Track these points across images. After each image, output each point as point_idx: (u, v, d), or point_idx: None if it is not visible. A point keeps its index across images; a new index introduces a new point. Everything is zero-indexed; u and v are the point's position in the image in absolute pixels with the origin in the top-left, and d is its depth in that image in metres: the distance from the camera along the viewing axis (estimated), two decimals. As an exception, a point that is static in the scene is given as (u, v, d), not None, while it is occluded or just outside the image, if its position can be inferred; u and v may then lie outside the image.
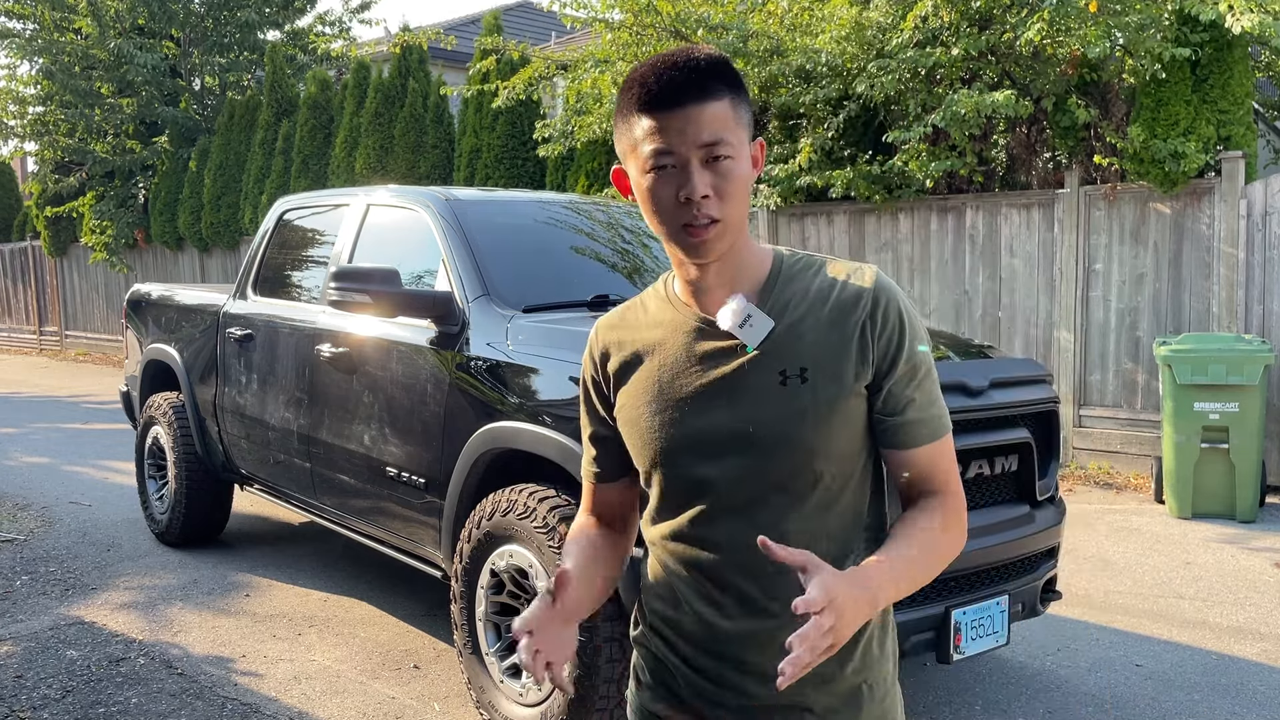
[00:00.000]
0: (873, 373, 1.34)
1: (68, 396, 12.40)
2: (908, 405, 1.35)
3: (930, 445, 1.37)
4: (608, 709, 3.05)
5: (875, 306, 1.34)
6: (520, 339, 3.48)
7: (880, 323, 1.34)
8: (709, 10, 7.97)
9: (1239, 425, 5.86)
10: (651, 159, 1.29)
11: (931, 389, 1.38)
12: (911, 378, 1.35)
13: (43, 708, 3.63)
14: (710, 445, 1.38)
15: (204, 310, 5.44)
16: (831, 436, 1.34)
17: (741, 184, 1.31)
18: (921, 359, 1.36)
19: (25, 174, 21.73)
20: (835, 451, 1.35)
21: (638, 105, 1.30)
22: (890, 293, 1.36)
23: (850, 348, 1.33)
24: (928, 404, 1.37)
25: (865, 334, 1.33)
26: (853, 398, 1.34)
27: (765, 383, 1.34)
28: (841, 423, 1.34)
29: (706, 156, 1.28)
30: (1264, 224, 6.58)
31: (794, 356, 1.34)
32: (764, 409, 1.34)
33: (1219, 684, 3.81)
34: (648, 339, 1.45)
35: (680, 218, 1.30)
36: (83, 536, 5.88)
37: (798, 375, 1.33)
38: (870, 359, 1.34)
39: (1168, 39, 6.54)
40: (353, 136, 12.13)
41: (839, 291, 1.36)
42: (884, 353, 1.34)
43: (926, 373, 1.37)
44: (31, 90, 16.51)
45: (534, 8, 12.83)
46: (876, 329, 1.34)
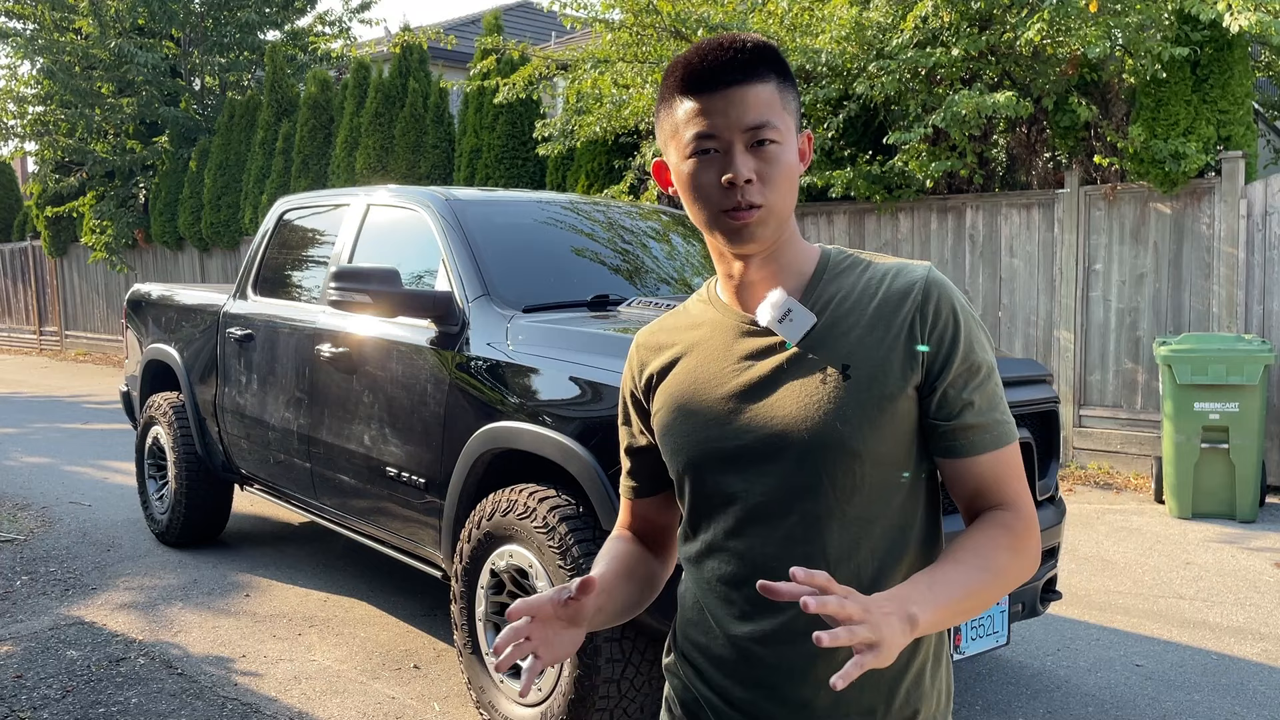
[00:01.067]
0: (924, 372, 1.25)
1: (68, 396, 12.40)
2: (965, 409, 1.25)
3: (992, 454, 1.26)
4: (608, 709, 3.05)
5: (926, 300, 1.25)
6: (520, 339, 3.48)
7: (932, 318, 1.25)
8: (709, 10, 7.97)
9: (1239, 425, 5.86)
10: (694, 142, 1.24)
11: (994, 393, 1.27)
12: (969, 379, 1.25)
13: (43, 708, 3.63)
14: (746, 448, 1.29)
15: (204, 310, 5.44)
16: (876, 440, 1.24)
17: (788, 171, 1.25)
18: (981, 360, 1.26)
19: (25, 174, 21.74)
20: (880, 457, 1.25)
21: (680, 87, 1.25)
22: (943, 287, 1.27)
23: (898, 344, 1.25)
24: (989, 408, 1.26)
25: (915, 329, 1.25)
26: (901, 399, 1.25)
27: (806, 381, 1.26)
28: (888, 425, 1.24)
29: (751, 140, 1.22)
30: (1264, 224, 6.58)
31: (836, 353, 1.25)
32: (804, 409, 1.25)
33: (1219, 684, 3.81)
34: (687, 340, 1.38)
35: (722, 202, 1.24)
36: (83, 536, 5.88)
37: (840, 373, 1.24)
38: (921, 358, 1.25)
39: (1168, 39, 6.55)
40: (353, 136, 12.13)
41: (887, 286, 1.28)
42: (936, 350, 1.25)
43: (987, 376, 1.27)
44: (31, 90, 16.52)
45: (534, 8, 12.83)
46: (928, 324, 1.25)
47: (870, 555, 1.26)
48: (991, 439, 1.26)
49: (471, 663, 3.44)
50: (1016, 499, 1.28)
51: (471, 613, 3.44)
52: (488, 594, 3.39)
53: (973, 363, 1.26)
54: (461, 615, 3.47)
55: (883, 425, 1.24)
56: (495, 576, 3.36)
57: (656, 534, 1.51)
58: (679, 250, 4.71)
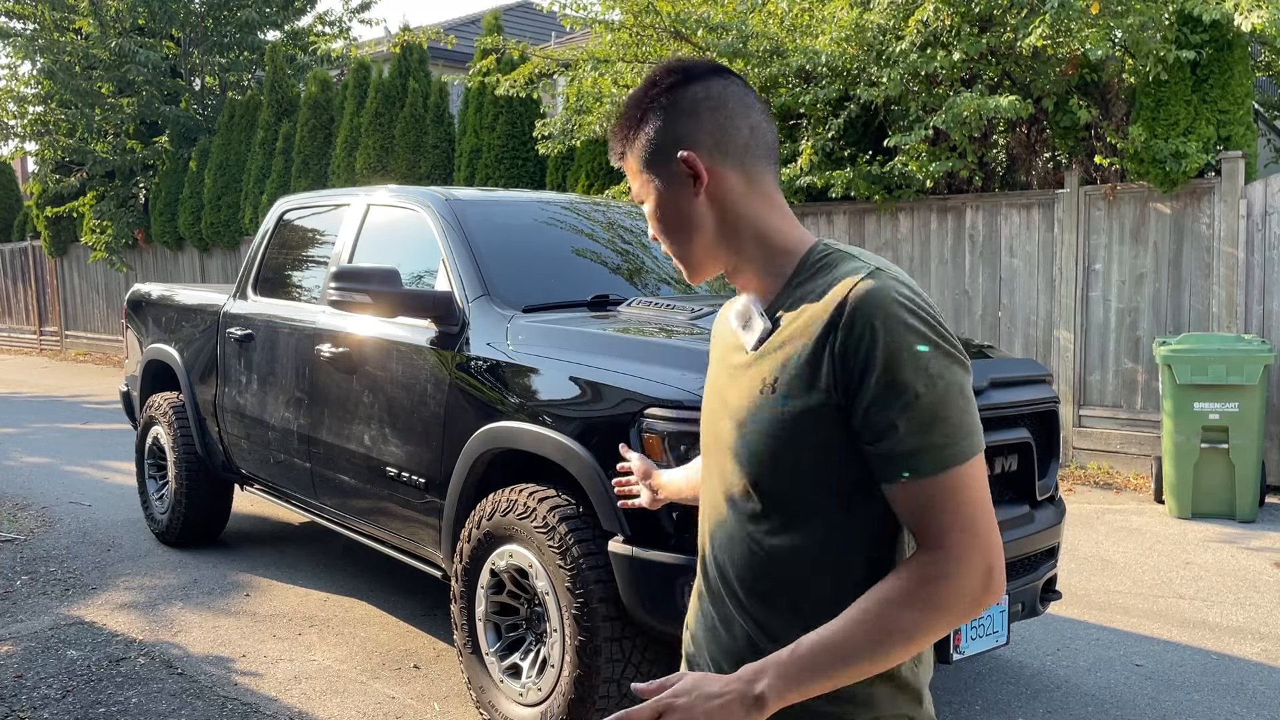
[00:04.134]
0: (840, 392, 1.18)
1: (68, 396, 12.40)
2: (887, 432, 1.16)
3: (914, 482, 1.15)
4: (608, 709, 3.05)
5: (839, 315, 1.18)
6: (520, 339, 3.48)
7: (843, 334, 1.17)
8: (709, 10, 7.96)
9: (1239, 425, 5.86)
10: None
11: (927, 415, 1.15)
12: (890, 400, 1.15)
13: (43, 708, 3.63)
14: (709, 445, 1.37)
15: (204, 310, 5.44)
16: (795, 456, 1.22)
17: (665, 222, 1.33)
18: (908, 380, 1.15)
19: (25, 174, 21.74)
20: (804, 475, 1.22)
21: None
22: (865, 303, 1.17)
23: (819, 360, 1.20)
24: (918, 431, 1.15)
25: (831, 346, 1.19)
26: (819, 417, 1.20)
27: (749, 389, 1.28)
28: (808, 443, 1.21)
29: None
30: (1264, 224, 6.58)
31: (772, 364, 1.25)
32: (740, 417, 1.29)
33: (1219, 684, 3.81)
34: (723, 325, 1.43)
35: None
36: (83, 536, 5.88)
37: (771, 385, 1.24)
38: (835, 376, 1.18)
39: (1168, 39, 6.54)
40: (353, 136, 12.13)
41: (823, 296, 1.22)
42: (849, 369, 1.17)
43: (920, 395, 1.15)
44: (32, 90, 16.52)
45: (534, 8, 12.82)
46: (838, 341, 1.18)
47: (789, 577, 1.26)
48: (914, 464, 1.15)
49: (471, 662, 3.44)
50: (944, 533, 1.15)
51: (471, 613, 3.45)
52: (488, 594, 3.39)
53: (894, 381, 1.15)
54: (461, 615, 3.47)
55: (802, 442, 1.21)
56: (495, 576, 3.36)
57: None
58: (679, 250, 4.70)
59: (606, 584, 3.01)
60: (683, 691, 1.15)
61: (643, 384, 3.01)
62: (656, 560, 2.89)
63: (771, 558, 1.27)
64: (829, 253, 1.29)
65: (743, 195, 1.30)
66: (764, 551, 1.27)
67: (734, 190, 1.30)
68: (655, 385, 2.98)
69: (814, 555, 1.24)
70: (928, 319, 1.18)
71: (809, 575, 1.25)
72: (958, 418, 1.16)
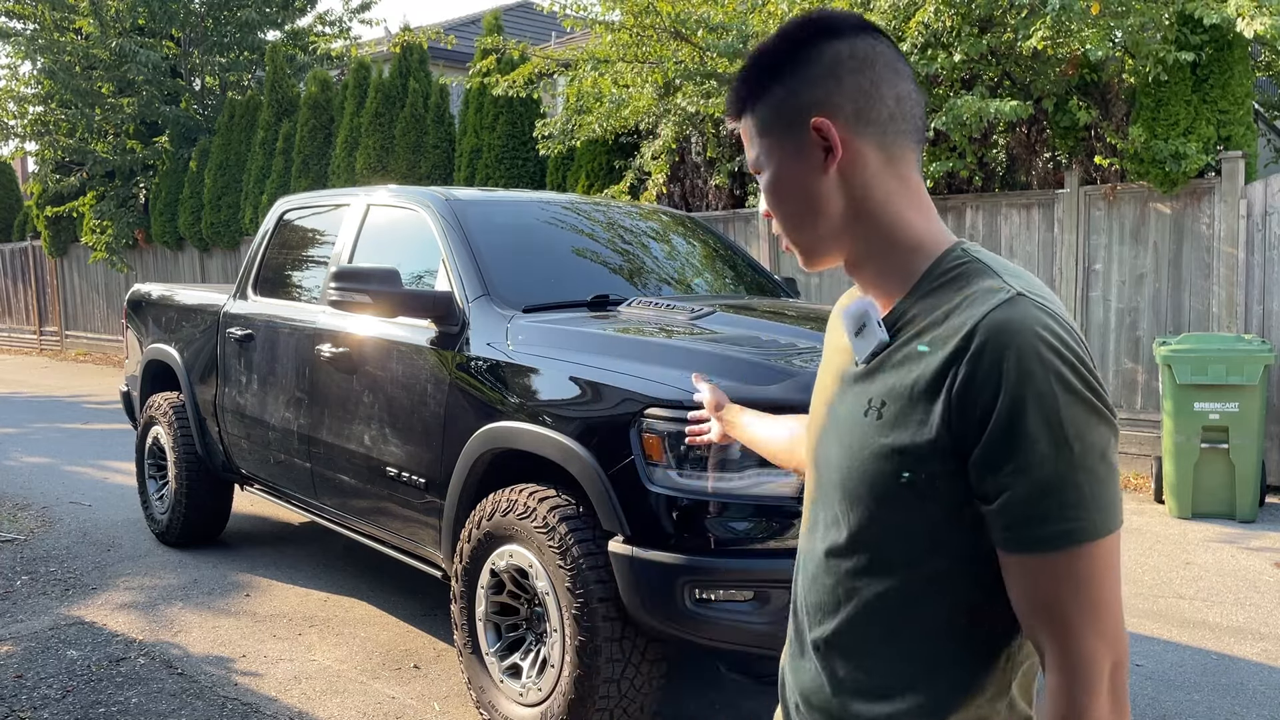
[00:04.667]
0: (955, 438, 1.00)
1: (68, 396, 12.40)
2: (1003, 494, 0.98)
3: (1027, 558, 0.98)
4: (608, 709, 3.05)
5: (968, 344, 0.99)
6: (520, 339, 3.48)
7: (967, 370, 0.99)
8: (709, 10, 7.96)
9: (1239, 425, 5.86)
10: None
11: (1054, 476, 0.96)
12: (1008, 455, 0.97)
13: (43, 708, 3.63)
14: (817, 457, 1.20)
15: (204, 310, 5.44)
16: (895, 496, 1.04)
17: (783, 198, 1.14)
18: (1034, 435, 0.96)
19: (25, 174, 21.74)
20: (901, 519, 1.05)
21: None
22: (1003, 331, 0.98)
23: (934, 394, 1.02)
24: (1039, 496, 0.96)
25: (951, 380, 1.00)
26: (927, 459, 1.02)
27: (856, 407, 1.11)
28: (914, 488, 1.03)
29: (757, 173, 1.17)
30: (1264, 224, 6.58)
31: (883, 385, 1.08)
32: (841, 437, 1.12)
33: (1219, 684, 3.81)
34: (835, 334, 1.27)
35: None
36: (83, 536, 5.88)
37: (878, 409, 1.07)
38: (951, 418, 1.00)
39: (1168, 39, 6.54)
40: (353, 136, 12.13)
41: (951, 317, 1.04)
42: (968, 413, 0.99)
43: (1050, 454, 0.96)
44: (32, 90, 16.52)
45: (534, 8, 12.81)
46: (959, 376, 0.99)
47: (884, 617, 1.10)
48: (1034, 539, 0.97)
49: (471, 662, 3.44)
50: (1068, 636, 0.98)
51: (471, 613, 3.45)
52: (488, 594, 3.39)
53: (1016, 434, 0.96)
54: (461, 615, 3.47)
55: (908, 484, 1.04)
56: (495, 576, 3.36)
57: None
58: (679, 250, 4.71)
59: (606, 584, 3.01)
60: None
61: (643, 384, 3.01)
62: (656, 560, 2.89)
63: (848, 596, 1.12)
64: (965, 260, 1.09)
65: (877, 175, 1.11)
66: (841, 588, 1.13)
67: (869, 168, 1.10)
68: (655, 385, 2.98)
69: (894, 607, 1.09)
70: (1074, 362, 0.98)
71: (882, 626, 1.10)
72: (1091, 487, 0.97)
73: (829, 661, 1.15)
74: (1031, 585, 0.99)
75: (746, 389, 2.91)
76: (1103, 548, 0.98)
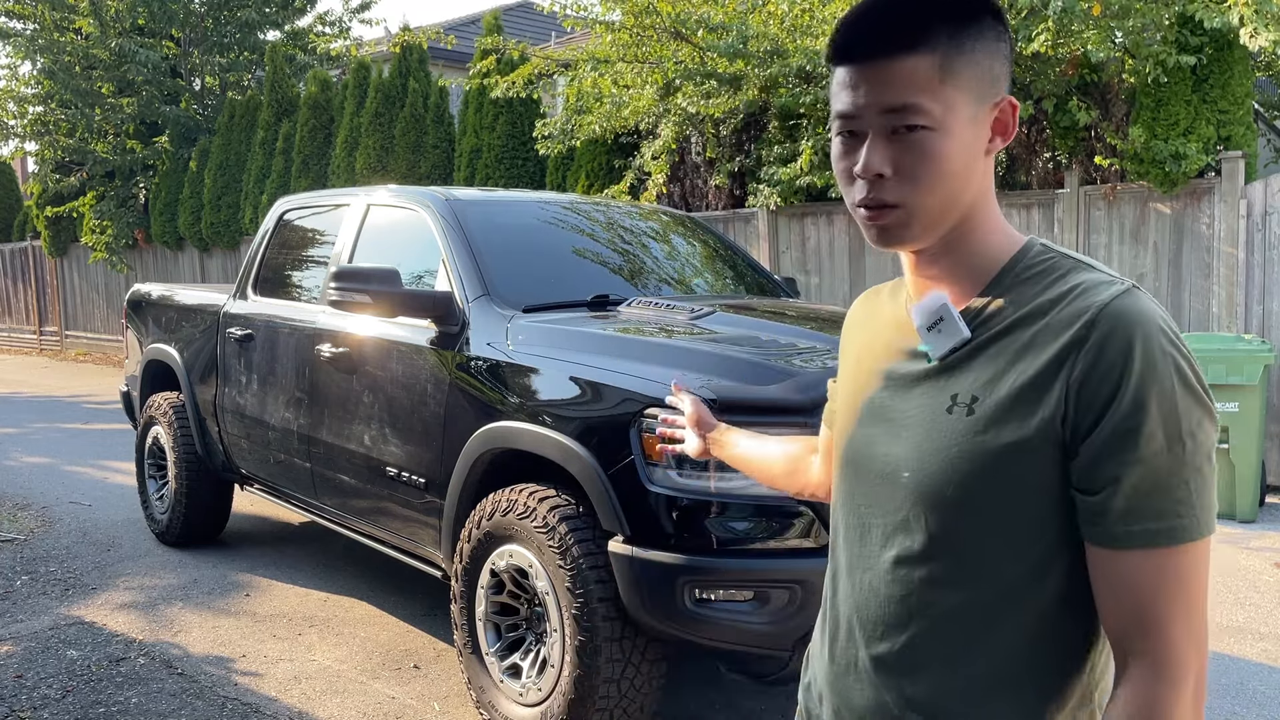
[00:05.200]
0: (1068, 427, 0.98)
1: (68, 396, 12.40)
2: (1110, 486, 0.96)
3: (1136, 553, 0.96)
4: (608, 709, 3.05)
5: (1089, 333, 0.97)
6: (520, 339, 3.48)
7: (1093, 357, 0.97)
8: (709, 10, 7.97)
9: (1239, 425, 5.86)
10: (836, 121, 1.07)
11: (1166, 471, 0.96)
12: (1125, 447, 0.95)
13: (43, 708, 3.63)
14: (864, 460, 1.15)
15: (204, 310, 5.44)
16: (987, 495, 1.01)
17: (939, 163, 1.02)
18: (1156, 425, 0.95)
19: (25, 174, 21.74)
20: (992, 517, 1.02)
21: (831, 53, 1.07)
22: (1123, 319, 0.97)
23: (1048, 385, 0.99)
24: (1148, 492, 0.96)
25: (1069, 371, 0.98)
26: (1031, 454, 1.00)
27: (932, 405, 1.07)
28: (1006, 482, 1.01)
29: (891, 125, 1.02)
30: (1264, 224, 6.58)
31: (973, 381, 1.04)
32: (920, 436, 1.07)
33: (1219, 684, 3.81)
34: (874, 320, 1.23)
35: (854, 195, 1.06)
36: (83, 536, 5.88)
37: (967, 405, 1.03)
38: (1064, 407, 0.98)
39: (1168, 40, 6.54)
40: (353, 136, 12.14)
41: (1060, 308, 1.01)
42: (1088, 402, 0.97)
43: (1165, 448, 0.95)
44: (32, 90, 16.52)
45: (534, 8, 12.83)
46: (1079, 366, 0.97)
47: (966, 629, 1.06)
48: (1137, 532, 0.96)
49: (471, 662, 3.44)
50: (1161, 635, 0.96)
51: (471, 613, 3.45)
52: (488, 594, 3.39)
53: (1135, 425, 0.95)
54: (461, 615, 3.47)
55: (999, 480, 1.01)
56: (495, 576, 3.36)
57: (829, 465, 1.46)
58: (679, 250, 4.71)
59: (606, 584, 3.01)
60: None
61: (642, 384, 3.01)
62: (656, 560, 2.89)
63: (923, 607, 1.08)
64: (1052, 256, 1.08)
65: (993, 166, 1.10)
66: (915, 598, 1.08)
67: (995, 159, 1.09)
68: (655, 385, 2.97)
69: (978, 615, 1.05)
70: (1190, 357, 0.99)
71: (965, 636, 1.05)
72: (1197, 485, 0.97)
73: (895, 678, 1.10)
74: (1130, 582, 0.97)
75: (746, 389, 2.92)
76: (1201, 548, 0.97)
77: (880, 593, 1.11)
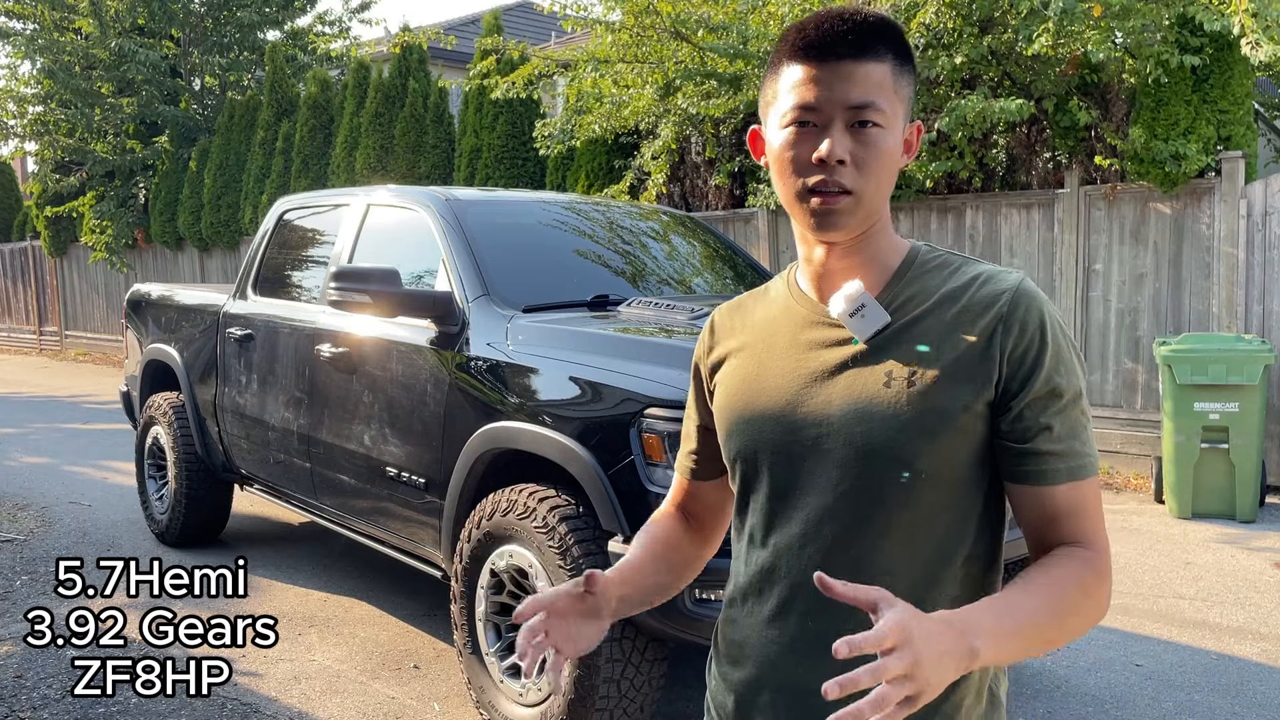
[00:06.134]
0: (999, 390, 1.16)
1: (68, 396, 12.40)
2: (1040, 433, 1.16)
3: (1068, 486, 1.17)
4: (608, 709, 3.05)
5: (1013, 311, 1.17)
6: (520, 339, 3.48)
7: (1017, 331, 1.16)
8: (709, 11, 7.96)
9: (1239, 425, 5.86)
10: (793, 111, 1.18)
11: (1076, 421, 1.17)
12: (1050, 402, 1.16)
13: (43, 708, 3.62)
14: (797, 444, 1.23)
15: (204, 310, 5.44)
16: (932, 453, 1.16)
17: (887, 159, 1.18)
18: (1066, 384, 1.17)
19: (25, 174, 21.74)
20: (935, 472, 1.17)
21: (791, 52, 1.19)
22: (1034, 300, 1.18)
23: (974, 356, 1.17)
24: (1068, 436, 1.17)
25: (995, 342, 1.16)
26: (967, 415, 1.16)
27: (865, 383, 1.19)
28: (947, 440, 1.16)
29: (853, 119, 1.16)
30: (1264, 224, 6.58)
31: (904, 357, 1.18)
32: (861, 411, 1.19)
33: (1219, 684, 3.81)
34: (758, 324, 1.33)
35: (804, 182, 1.18)
36: (83, 536, 5.88)
37: (905, 379, 1.17)
38: (998, 373, 1.16)
39: (1168, 40, 6.54)
40: (353, 136, 12.14)
41: (973, 293, 1.20)
42: (1016, 367, 1.16)
43: (1072, 401, 1.17)
44: (31, 90, 16.52)
45: (534, 8, 12.86)
46: (1011, 337, 1.16)
47: (909, 574, 1.18)
48: (1068, 470, 1.17)
49: (471, 663, 3.44)
50: (1093, 537, 1.19)
51: (471, 613, 3.44)
52: (488, 594, 3.39)
53: (1056, 385, 1.16)
54: (461, 615, 3.47)
55: (941, 439, 1.16)
56: (495, 576, 3.36)
57: (707, 515, 1.48)
58: (679, 250, 4.71)
59: (606, 584, 3.00)
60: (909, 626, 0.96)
61: (643, 384, 3.01)
62: (656, 560, 2.88)
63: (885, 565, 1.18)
64: (941, 252, 1.27)
65: None
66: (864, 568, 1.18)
67: None
68: (655, 385, 2.97)
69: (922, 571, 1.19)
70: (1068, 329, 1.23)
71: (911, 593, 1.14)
72: (1091, 429, 1.20)
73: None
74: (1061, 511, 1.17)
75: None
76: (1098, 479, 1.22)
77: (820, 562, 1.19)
